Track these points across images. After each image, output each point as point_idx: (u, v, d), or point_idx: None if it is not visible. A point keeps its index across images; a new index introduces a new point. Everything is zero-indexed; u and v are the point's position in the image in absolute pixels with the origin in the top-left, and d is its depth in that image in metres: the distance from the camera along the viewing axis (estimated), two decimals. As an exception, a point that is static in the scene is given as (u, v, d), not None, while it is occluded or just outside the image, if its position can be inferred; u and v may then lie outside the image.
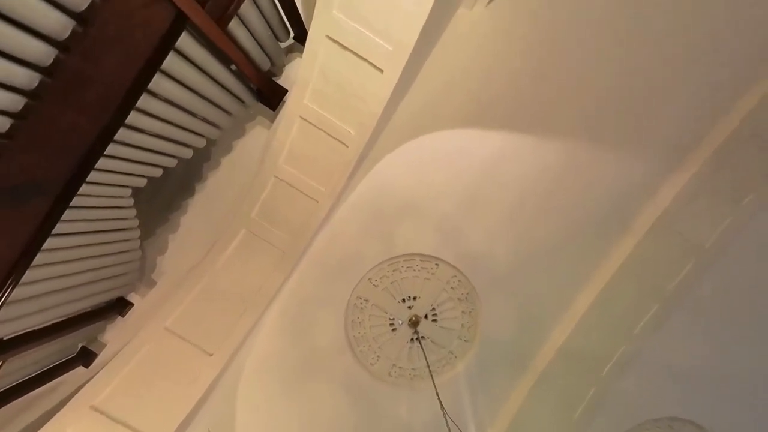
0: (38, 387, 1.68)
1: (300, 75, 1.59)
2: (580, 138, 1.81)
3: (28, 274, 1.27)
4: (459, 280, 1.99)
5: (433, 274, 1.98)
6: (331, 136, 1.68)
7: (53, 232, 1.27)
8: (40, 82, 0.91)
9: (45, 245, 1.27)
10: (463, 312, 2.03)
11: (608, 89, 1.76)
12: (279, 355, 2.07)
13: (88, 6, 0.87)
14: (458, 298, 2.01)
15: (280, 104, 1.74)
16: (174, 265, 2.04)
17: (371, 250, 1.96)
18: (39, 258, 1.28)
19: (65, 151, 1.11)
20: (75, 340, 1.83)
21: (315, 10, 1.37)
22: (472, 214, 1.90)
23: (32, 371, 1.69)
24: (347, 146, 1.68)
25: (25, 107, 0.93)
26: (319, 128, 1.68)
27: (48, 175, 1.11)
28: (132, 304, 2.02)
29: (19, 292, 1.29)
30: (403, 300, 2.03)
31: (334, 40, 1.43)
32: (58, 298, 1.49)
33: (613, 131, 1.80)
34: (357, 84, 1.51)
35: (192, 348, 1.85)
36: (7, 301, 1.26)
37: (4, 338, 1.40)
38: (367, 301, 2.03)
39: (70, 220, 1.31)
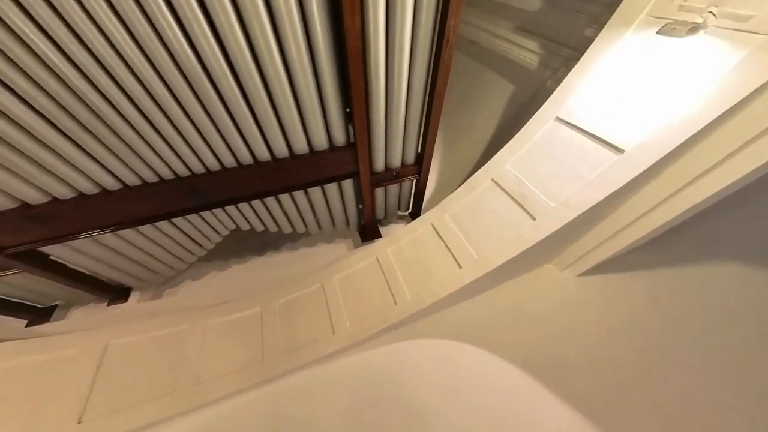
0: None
1: (397, 234, 1.98)
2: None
3: (127, 231, 1.58)
4: None
5: None
6: (389, 287, 1.79)
7: (172, 219, 1.64)
8: (265, 161, 1.49)
9: (158, 223, 1.62)
10: None
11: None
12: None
13: (321, 150, 1.51)
14: None
15: (370, 242, 2.12)
16: (188, 295, 2.08)
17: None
18: (144, 228, 1.61)
19: (235, 187, 1.62)
20: (62, 294, 1.85)
21: (434, 208, 1.89)
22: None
23: (6, 293, 1.72)
24: (396, 304, 1.71)
25: (247, 165, 1.50)
26: (383, 273, 1.85)
27: (212, 191, 1.58)
28: (126, 300, 2.02)
29: (105, 237, 1.57)
30: None
31: (435, 229, 1.84)
32: (112, 258, 1.69)
33: None
34: (435, 264, 1.73)
35: (84, 393, 1.49)
36: (96, 237, 1.53)
37: (51, 257, 1.59)
38: None
39: (188, 220, 1.69)
